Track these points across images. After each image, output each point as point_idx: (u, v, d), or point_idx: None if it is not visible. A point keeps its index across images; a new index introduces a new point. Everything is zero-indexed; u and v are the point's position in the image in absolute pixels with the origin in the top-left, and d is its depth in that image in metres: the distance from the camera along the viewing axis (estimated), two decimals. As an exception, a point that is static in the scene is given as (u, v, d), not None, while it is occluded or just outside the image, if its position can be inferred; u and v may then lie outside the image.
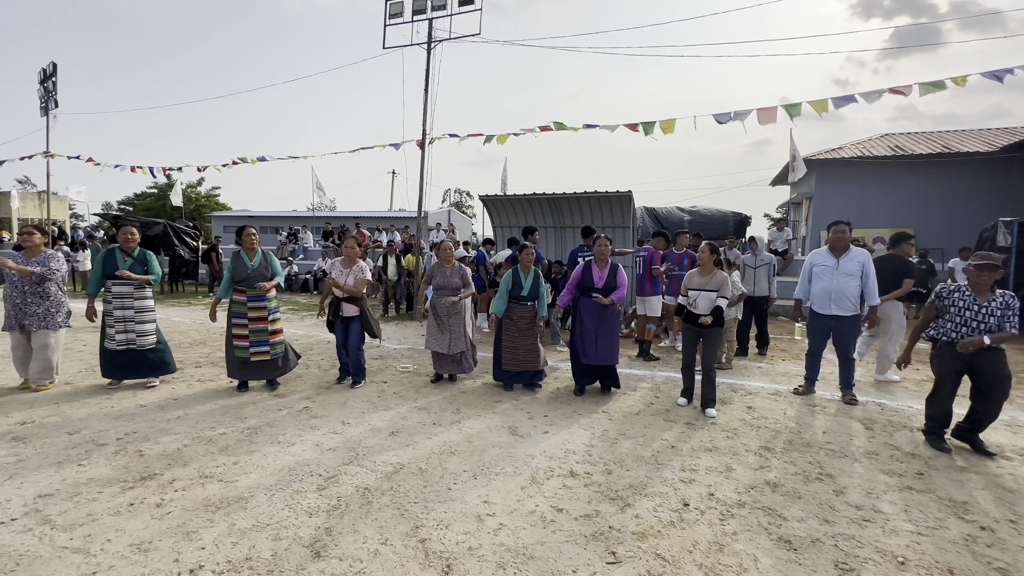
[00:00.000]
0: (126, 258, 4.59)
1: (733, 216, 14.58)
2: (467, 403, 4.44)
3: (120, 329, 4.53)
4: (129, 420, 3.85)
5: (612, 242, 5.11)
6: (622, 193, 8.81)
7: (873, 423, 4.07)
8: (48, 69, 19.49)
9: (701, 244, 4.55)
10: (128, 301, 4.56)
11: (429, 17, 11.81)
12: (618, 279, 4.63)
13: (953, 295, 3.52)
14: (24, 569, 2.10)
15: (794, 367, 5.92)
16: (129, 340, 4.55)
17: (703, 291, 4.29)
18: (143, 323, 4.62)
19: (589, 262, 4.77)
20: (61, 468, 3.02)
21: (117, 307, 4.53)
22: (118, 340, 4.52)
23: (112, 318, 4.53)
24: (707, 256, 4.37)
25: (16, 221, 33.08)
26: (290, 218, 25.44)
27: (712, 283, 4.29)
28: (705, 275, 4.36)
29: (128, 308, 4.56)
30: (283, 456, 3.25)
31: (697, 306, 4.29)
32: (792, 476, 3.10)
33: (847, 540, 2.43)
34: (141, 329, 4.61)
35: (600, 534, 2.44)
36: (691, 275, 4.47)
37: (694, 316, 4.33)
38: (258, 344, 4.59)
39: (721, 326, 4.32)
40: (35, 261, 4.52)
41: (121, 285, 4.54)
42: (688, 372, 4.49)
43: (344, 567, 2.16)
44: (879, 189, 13.52)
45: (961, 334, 3.44)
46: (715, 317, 4.24)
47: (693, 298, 4.35)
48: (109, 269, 4.52)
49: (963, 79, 6.71)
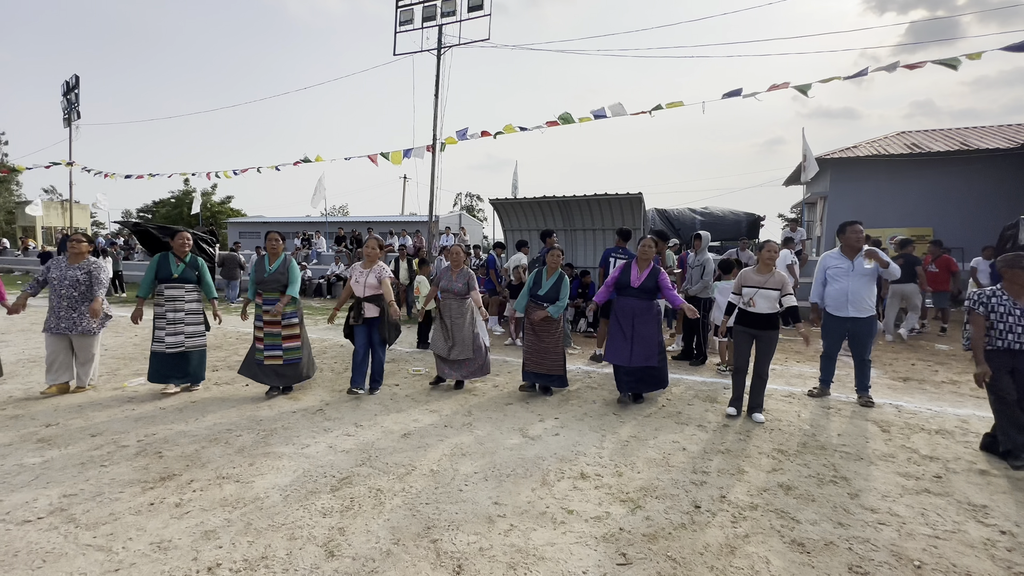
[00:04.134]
0: (179, 263, 4.73)
1: (746, 217, 14.45)
2: (478, 406, 4.47)
3: (171, 331, 4.64)
4: (149, 422, 3.94)
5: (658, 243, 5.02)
6: (632, 195, 8.79)
7: (890, 426, 4.01)
8: (71, 81, 20.04)
9: (767, 242, 4.34)
10: (180, 304, 4.68)
11: (439, 23, 11.93)
12: (660, 280, 4.47)
13: (992, 301, 3.39)
14: (50, 565, 2.18)
15: (808, 369, 5.85)
16: (179, 342, 4.66)
17: (761, 289, 4.12)
18: (194, 324, 4.75)
19: (630, 261, 4.67)
20: (84, 469, 3.11)
21: (169, 310, 4.65)
22: (168, 342, 4.62)
23: (164, 320, 4.64)
24: (774, 254, 4.17)
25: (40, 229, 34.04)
26: (304, 224, 25.78)
27: (772, 282, 4.10)
28: (763, 273, 4.17)
29: (180, 311, 4.68)
30: (297, 458, 3.31)
31: (754, 304, 4.13)
32: (806, 479, 3.07)
33: (862, 543, 2.40)
34: (192, 331, 4.73)
35: (610, 536, 2.45)
36: (746, 273, 4.26)
37: (749, 316, 4.16)
38: (272, 348, 4.66)
39: (777, 328, 4.14)
40: (79, 267, 4.69)
41: (174, 288, 4.67)
42: (739, 378, 4.26)
43: (357, 566, 2.19)
44: (895, 188, 13.29)
45: (1007, 341, 3.31)
46: (774, 319, 4.09)
47: (749, 296, 4.15)
48: (163, 274, 4.66)
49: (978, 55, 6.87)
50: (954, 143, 13.42)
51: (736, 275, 5.56)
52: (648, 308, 4.51)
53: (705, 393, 4.89)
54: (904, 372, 5.72)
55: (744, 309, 4.22)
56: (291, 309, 4.71)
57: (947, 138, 14.24)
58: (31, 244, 25.18)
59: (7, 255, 23.65)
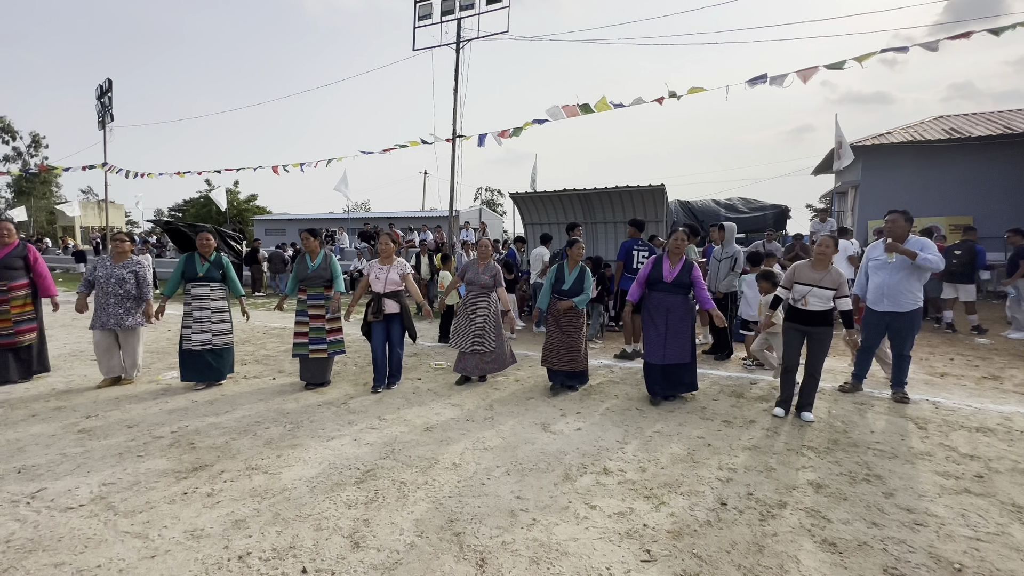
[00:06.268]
0: (203, 262, 4.86)
1: (772, 208, 14.07)
2: (500, 400, 4.47)
3: (198, 329, 4.77)
4: (182, 415, 4.07)
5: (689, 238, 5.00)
6: (654, 187, 8.65)
7: (927, 422, 3.86)
8: (104, 85, 20.72)
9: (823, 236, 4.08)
10: (206, 302, 4.82)
11: (457, 17, 11.90)
12: (693, 276, 4.36)
13: None
14: (91, 551, 2.27)
15: (839, 363, 5.67)
16: (206, 340, 4.78)
17: (816, 287, 3.88)
18: (220, 323, 4.88)
19: (661, 255, 4.54)
20: (122, 459, 3.23)
21: (196, 308, 4.79)
22: (195, 340, 4.75)
23: (191, 319, 4.78)
24: (829, 249, 3.92)
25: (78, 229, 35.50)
26: (327, 220, 26.22)
27: (827, 280, 3.86)
28: (819, 270, 3.92)
29: (206, 309, 4.82)
30: (323, 450, 3.37)
31: (807, 303, 3.91)
32: (837, 477, 2.98)
33: (897, 544, 2.32)
34: (218, 329, 4.86)
35: (634, 532, 2.42)
36: (800, 268, 4.01)
37: (800, 313, 3.96)
38: (317, 342, 4.77)
39: (831, 325, 3.93)
40: (123, 265, 4.90)
41: (200, 287, 4.81)
42: (788, 378, 4.08)
43: (382, 558, 2.22)
44: (933, 175, 12.72)
45: None
46: (827, 316, 3.92)
47: (803, 294, 3.94)
48: (189, 273, 4.81)
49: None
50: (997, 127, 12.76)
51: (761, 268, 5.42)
52: (682, 303, 4.36)
53: (731, 388, 4.79)
54: (941, 367, 5.49)
55: (794, 305, 4.04)
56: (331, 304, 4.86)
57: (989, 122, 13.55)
58: (70, 243, 26.26)
59: (48, 254, 24.72)
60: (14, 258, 4.94)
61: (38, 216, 35.28)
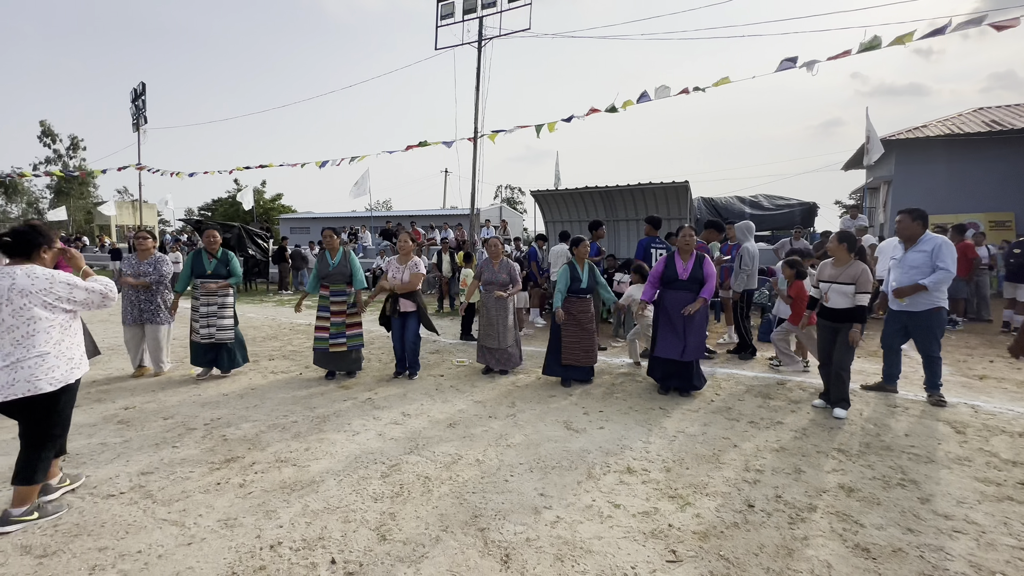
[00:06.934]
0: (211, 259, 5.01)
1: (799, 205, 13.73)
2: (521, 397, 4.49)
3: (204, 324, 4.95)
4: (214, 407, 4.20)
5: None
6: (678, 184, 8.53)
7: (965, 427, 3.72)
8: (138, 89, 21.42)
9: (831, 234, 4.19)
10: (213, 298, 4.98)
11: (479, 15, 11.92)
12: (705, 270, 4.41)
13: None
14: (132, 537, 2.37)
15: (870, 365, 5.51)
16: (210, 334, 4.96)
17: (835, 284, 3.94)
18: (223, 318, 5.03)
19: (673, 253, 4.58)
20: (159, 449, 3.36)
21: (203, 303, 4.96)
22: (202, 334, 4.94)
23: (198, 313, 4.97)
24: (835, 245, 4.01)
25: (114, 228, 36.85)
26: (350, 219, 26.62)
27: (845, 276, 3.91)
28: (839, 266, 3.98)
29: (212, 304, 4.98)
30: (349, 444, 3.44)
31: (828, 299, 3.99)
32: (870, 481, 2.90)
33: (935, 552, 2.24)
34: (221, 324, 5.01)
35: (659, 532, 2.40)
36: (822, 265, 4.16)
37: (828, 310, 4.02)
38: (336, 336, 4.92)
39: (862, 321, 3.91)
40: (148, 263, 5.10)
41: (208, 283, 4.97)
42: (825, 371, 4.15)
43: (408, 551, 2.26)
44: (971, 170, 12.20)
45: None
46: (854, 313, 3.90)
47: (824, 290, 4.04)
48: (198, 270, 4.98)
49: None
50: (1042, 119, 12.17)
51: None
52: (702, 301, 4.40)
53: (757, 389, 4.70)
54: (980, 369, 5.28)
55: (822, 303, 4.09)
56: (353, 300, 5.00)
57: (1033, 113, 12.93)
58: (106, 241, 27.31)
59: (86, 252, 25.74)
60: None
61: (76, 216, 36.77)
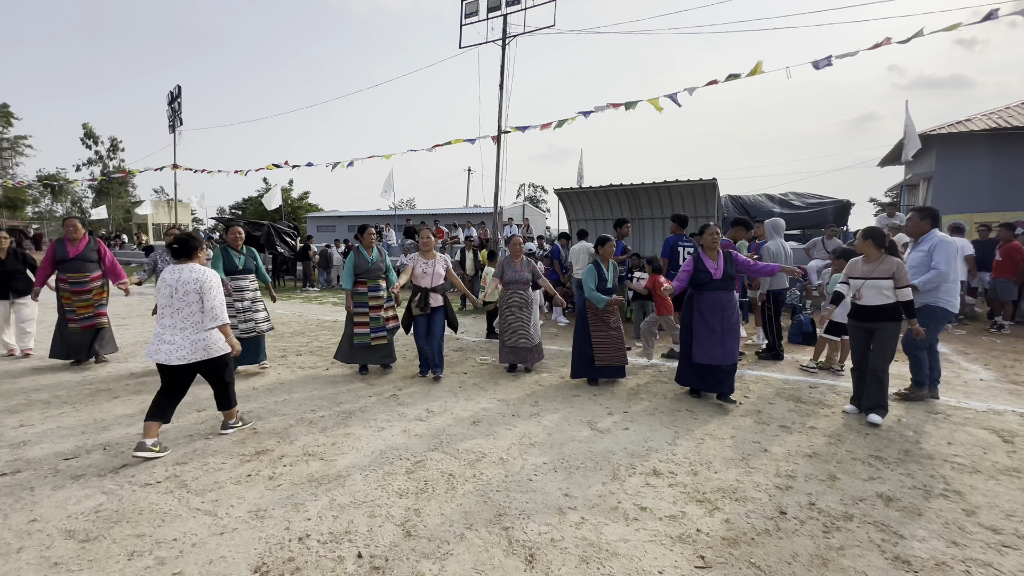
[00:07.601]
0: (239, 255, 5.15)
1: (832, 203, 13.29)
2: (545, 396, 4.46)
3: (243, 319, 5.05)
4: (244, 401, 4.31)
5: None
6: (705, 181, 8.36)
7: (1013, 436, 3.53)
8: (174, 91, 22.15)
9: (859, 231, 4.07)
10: (247, 293, 5.12)
11: (504, 13, 11.90)
12: (740, 263, 4.33)
13: None
14: (168, 525, 2.44)
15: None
16: (250, 328, 5.07)
17: (869, 280, 3.80)
18: (259, 311, 5.18)
19: (698, 252, 4.41)
20: (192, 440, 3.46)
21: (237, 299, 5.07)
22: (241, 329, 5.01)
23: (234, 310, 5.07)
24: (862, 242, 3.88)
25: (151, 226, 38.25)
26: (374, 217, 27.01)
27: (880, 271, 3.76)
28: (870, 263, 3.86)
29: (246, 299, 5.11)
30: (375, 440, 3.48)
31: (861, 297, 3.85)
32: (910, 490, 2.78)
33: (982, 567, 2.13)
34: (258, 317, 5.16)
35: (687, 536, 2.35)
36: (852, 263, 4.03)
37: (858, 309, 3.89)
38: (377, 330, 5.06)
39: (896, 321, 3.77)
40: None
41: (239, 280, 5.09)
42: (857, 375, 4.02)
43: (433, 547, 2.27)
44: (1019, 165, 11.58)
45: None
46: (888, 311, 3.75)
47: (856, 288, 3.89)
48: (229, 267, 5.10)
49: None
50: (1098, 111, 11.48)
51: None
52: (732, 298, 4.30)
53: (788, 392, 4.57)
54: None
55: (854, 301, 3.94)
56: (387, 294, 5.12)
57: (1088, 105, 12.21)
58: (143, 239, 28.38)
59: (125, 249, 26.79)
60: (90, 251, 5.49)
61: (115, 215, 38.29)
